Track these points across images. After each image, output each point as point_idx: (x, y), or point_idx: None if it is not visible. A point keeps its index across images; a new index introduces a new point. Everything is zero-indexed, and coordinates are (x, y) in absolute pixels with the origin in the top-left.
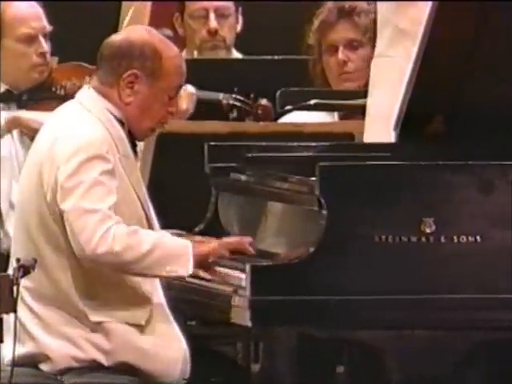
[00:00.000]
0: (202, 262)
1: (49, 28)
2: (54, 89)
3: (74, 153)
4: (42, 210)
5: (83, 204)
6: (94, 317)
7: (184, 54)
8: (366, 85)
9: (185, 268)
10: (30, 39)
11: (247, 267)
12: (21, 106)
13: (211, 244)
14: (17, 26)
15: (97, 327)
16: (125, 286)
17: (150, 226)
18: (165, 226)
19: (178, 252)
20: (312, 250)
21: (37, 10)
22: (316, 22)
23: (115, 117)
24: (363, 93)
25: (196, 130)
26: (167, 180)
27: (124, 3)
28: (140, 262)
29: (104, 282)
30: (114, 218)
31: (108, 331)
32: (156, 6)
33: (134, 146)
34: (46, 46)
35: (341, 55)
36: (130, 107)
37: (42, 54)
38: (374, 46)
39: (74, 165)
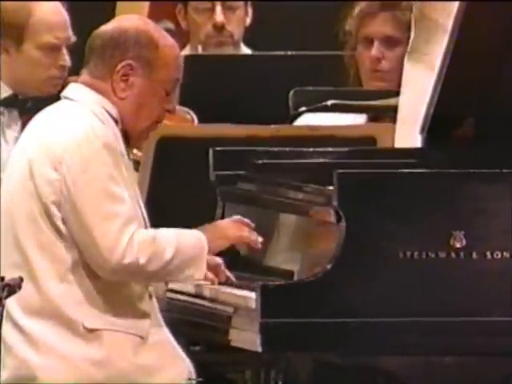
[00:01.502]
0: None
1: (73, 39)
2: None
3: (81, 143)
4: (33, 212)
5: (104, 206)
6: (90, 323)
7: (187, 49)
8: (398, 87)
9: (200, 271)
10: (53, 49)
11: (257, 286)
12: (23, 113)
13: (224, 232)
14: (41, 33)
15: (92, 336)
16: (124, 295)
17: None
18: None
19: (195, 253)
20: (329, 267)
21: (64, 17)
22: (356, 9)
23: (109, 114)
24: (386, 93)
25: (200, 133)
26: (168, 189)
27: (119, 3)
28: (162, 271)
29: (100, 290)
30: (135, 220)
31: (104, 340)
32: None
33: (127, 153)
34: (67, 58)
35: (374, 51)
36: (126, 102)
37: (62, 67)
38: None
39: (83, 157)
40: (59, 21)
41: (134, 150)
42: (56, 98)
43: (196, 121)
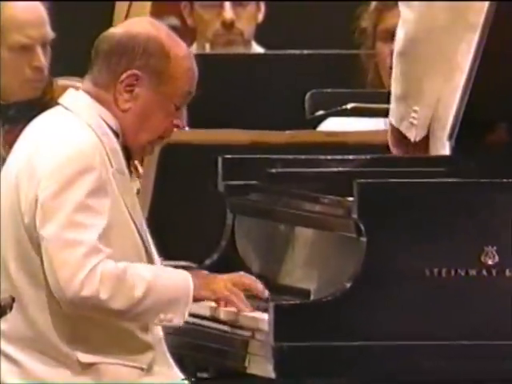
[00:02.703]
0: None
1: (50, 36)
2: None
3: (60, 165)
4: (20, 234)
5: (65, 233)
6: (85, 357)
7: (194, 48)
8: None
9: (181, 316)
10: (24, 49)
11: (270, 306)
12: (6, 121)
13: (216, 284)
14: (11, 33)
15: (87, 370)
16: (119, 327)
17: (149, 256)
18: (170, 256)
19: (176, 296)
20: (348, 285)
21: (38, 15)
22: (372, 5)
23: (109, 126)
24: None
25: (208, 139)
26: (173, 200)
27: (118, 3)
28: (129, 311)
29: (93, 321)
30: (102, 251)
31: (101, 373)
32: None
33: (129, 164)
34: (42, 58)
35: None
36: (128, 115)
37: (37, 69)
38: None
39: (58, 180)
40: (30, 18)
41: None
42: (40, 103)
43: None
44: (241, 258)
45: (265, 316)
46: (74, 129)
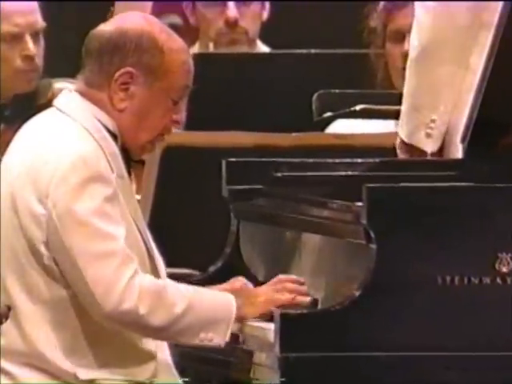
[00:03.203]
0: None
1: (41, 24)
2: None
3: (67, 174)
4: (17, 247)
5: (94, 245)
6: (84, 374)
7: (196, 47)
8: None
9: (222, 336)
10: (13, 38)
11: (276, 315)
12: (1, 121)
13: (258, 303)
14: None
15: None
16: (121, 340)
17: (153, 265)
18: (172, 264)
19: (218, 315)
20: (357, 294)
21: (25, 2)
22: (381, 4)
23: (106, 128)
24: None
25: (211, 142)
26: (175, 205)
27: (117, 3)
28: (169, 328)
29: (93, 337)
30: (134, 259)
31: None
32: None
33: (128, 166)
34: (32, 47)
35: (408, 46)
36: (124, 115)
37: (27, 58)
38: None
39: (68, 190)
40: (17, 6)
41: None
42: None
43: None
44: (245, 266)
45: (271, 325)
46: (74, 135)
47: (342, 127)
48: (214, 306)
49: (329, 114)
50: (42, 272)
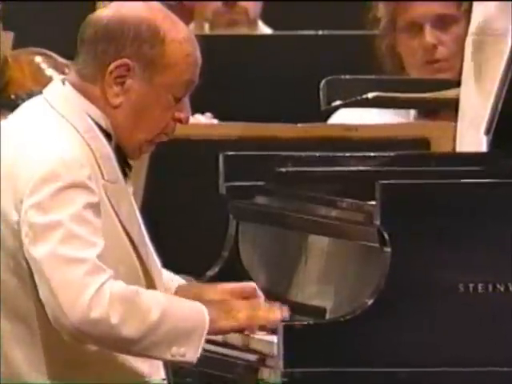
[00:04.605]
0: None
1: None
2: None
3: (44, 180)
4: None
5: (63, 251)
6: None
7: (191, 28)
8: (459, 75)
9: (194, 350)
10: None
11: (279, 327)
12: None
13: (238, 316)
14: None
15: None
16: (108, 362)
17: (149, 280)
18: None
19: (191, 326)
20: (370, 302)
21: None
22: None
23: (99, 126)
24: (442, 83)
25: (207, 134)
26: (167, 204)
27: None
28: (142, 339)
29: (77, 359)
30: (106, 270)
31: None
32: None
33: (124, 166)
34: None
35: (429, 37)
36: (119, 111)
37: None
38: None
39: (45, 196)
40: None
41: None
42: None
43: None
44: (245, 271)
45: (275, 338)
46: (58, 134)
47: (347, 117)
48: (188, 317)
49: (338, 102)
50: (19, 285)
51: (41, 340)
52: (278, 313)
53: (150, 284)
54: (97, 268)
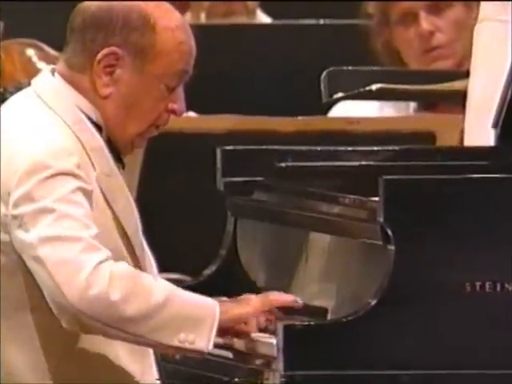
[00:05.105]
0: (230, 331)
1: None
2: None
3: (31, 170)
4: None
5: (56, 231)
6: None
7: (187, 18)
8: (462, 61)
9: (206, 339)
10: None
11: (279, 327)
12: None
13: (250, 303)
14: None
15: None
16: (98, 362)
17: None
18: (159, 268)
19: (200, 313)
20: (373, 303)
21: None
22: None
23: (89, 118)
24: (449, 74)
25: (204, 127)
26: (162, 200)
27: None
28: (145, 319)
29: (74, 357)
30: (102, 249)
31: None
32: None
33: (118, 158)
34: None
35: (425, 24)
36: (109, 103)
37: None
38: (468, 6)
39: (32, 186)
40: None
41: None
42: None
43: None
44: (244, 270)
45: (266, 338)
46: (45, 126)
47: (348, 110)
48: (197, 303)
49: (340, 94)
50: (9, 281)
51: (33, 339)
52: (290, 296)
53: None
54: (93, 246)
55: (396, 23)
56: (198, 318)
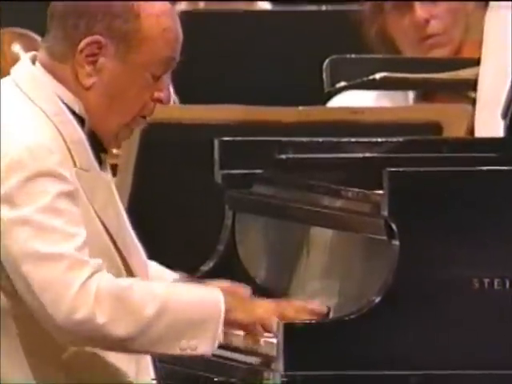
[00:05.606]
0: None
1: None
2: None
3: (9, 169)
4: None
5: (38, 247)
6: None
7: (184, 4)
8: (460, 48)
9: (210, 343)
10: None
11: (279, 326)
12: None
13: (258, 310)
14: None
15: None
16: (93, 360)
17: (130, 273)
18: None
19: (203, 317)
20: (377, 300)
21: None
22: None
23: (70, 109)
24: (456, 62)
25: (201, 117)
26: (158, 194)
27: None
28: (138, 337)
29: (60, 359)
30: (89, 262)
31: None
32: None
33: (100, 153)
34: None
35: (420, 11)
36: (92, 93)
37: None
38: None
39: (12, 188)
40: None
41: (114, 150)
42: None
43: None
44: (243, 266)
45: (267, 337)
46: (25, 119)
47: (345, 101)
48: (197, 306)
49: (342, 83)
50: None
51: (22, 341)
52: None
53: (131, 277)
54: (78, 262)
55: (390, 11)
56: (199, 322)
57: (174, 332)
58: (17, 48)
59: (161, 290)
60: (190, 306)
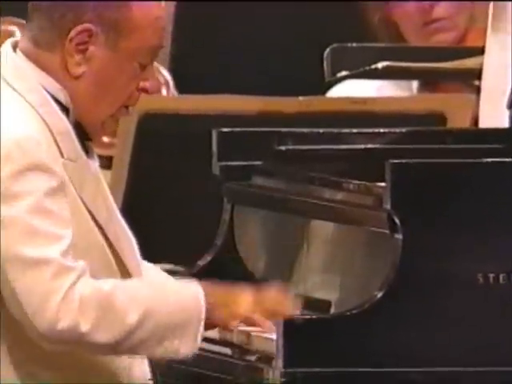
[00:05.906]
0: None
1: None
2: None
3: None
4: None
5: (23, 250)
6: None
7: None
8: (464, 36)
9: (191, 343)
10: None
11: (278, 322)
12: None
13: (242, 303)
14: None
15: None
16: (83, 363)
17: (121, 265)
18: (150, 258)
19: (184, 318)
20: (379, 295)
21: None
22: None
23: (55, 98)
24: (460, 50)
25: (199, 108)
26: (154, 186)
27: None
28: (121, 342)
29: (50, 358)
30: (74, 269)
31: None
32: None
33: (85, 143)
34: None
35: None
36: (81, 83)
37: None
38: None
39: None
40: None
41: (105, 139)
42: None
43: (171, 85)
44: (241, 261)
45: (266, 333)
46: (11, 114)
47: (351, 89)
48: (179, 309)
49: (344, 73)
50: None
51: (5, 339)
52: (288, 306)
53: (123, 270)
54: (63, 268)
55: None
56: (180, 325)
57: (157, 335)
58: (17, 33)
59: (143, 293)
60: (172, 308)
